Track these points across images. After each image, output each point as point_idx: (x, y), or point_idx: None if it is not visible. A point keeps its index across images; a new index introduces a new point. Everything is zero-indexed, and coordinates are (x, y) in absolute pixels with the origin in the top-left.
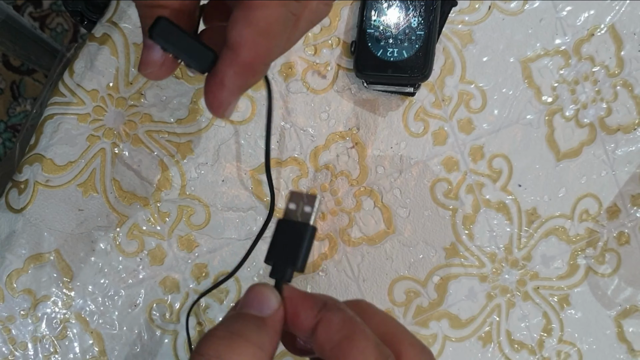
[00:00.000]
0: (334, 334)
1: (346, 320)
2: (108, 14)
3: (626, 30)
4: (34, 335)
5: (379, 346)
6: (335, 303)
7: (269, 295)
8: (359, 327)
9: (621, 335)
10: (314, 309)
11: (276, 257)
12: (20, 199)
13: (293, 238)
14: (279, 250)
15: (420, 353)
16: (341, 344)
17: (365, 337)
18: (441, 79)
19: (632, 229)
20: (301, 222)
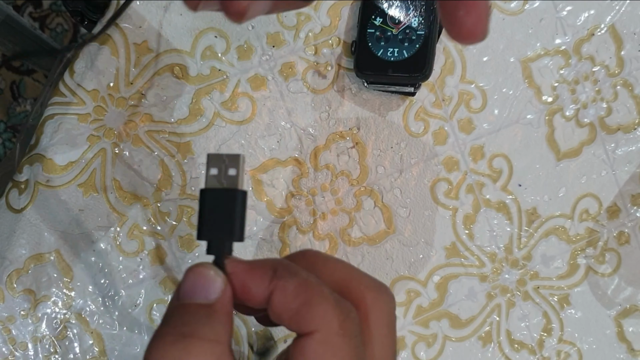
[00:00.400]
0: (291, 302)
1: (301, 284)
2: (108, 14)
3: (626, 30)
4: (34, 336)
5: (339, 304)
6: (287, 267)
7: (212, 277)
8: (316, 289)
9: (621, 334)
10: (264, 279)
11: (209, 232)
12: (20, 199)
13: (223, 207)
14: (211, 223)
15: (380, 295)
16: (300, 311)
17: (323, 299)
18: (441, 79)
19: (632, 229)
20: (228, 189)
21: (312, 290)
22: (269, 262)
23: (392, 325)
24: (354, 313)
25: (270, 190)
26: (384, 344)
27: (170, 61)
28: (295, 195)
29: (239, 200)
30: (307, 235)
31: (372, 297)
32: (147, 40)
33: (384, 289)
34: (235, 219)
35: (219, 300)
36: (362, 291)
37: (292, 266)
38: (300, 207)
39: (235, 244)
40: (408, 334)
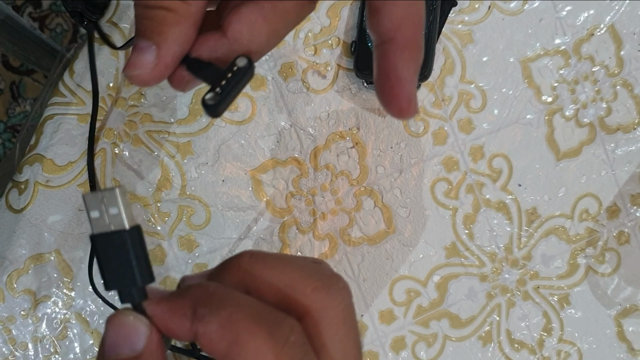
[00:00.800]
0: (217, 345)
1: (224, 324)
2: (108, 14)
3: (626, 30)
4: (34, 336)
5: (272, 334)
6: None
7: (133, 325)
8: (242, 325)
9: (621, 334)
10: (185, 322)
11: (114, 281)
12: (20, 199)
13: (117, 252)
14: (112, 271)
15: (330, 294)
16: (229, 352)
17: (252, 335)
18: (441, 79)
19: (632, 229)
20: (114, 231)
21: (237, 327)
22: (188, 297)
23: (350, 321)
24: (295, 334)
25: (270, 190)
26: (343, 346)
27: None
28: (295, 195)
29: (130, 242)
30: (307, 235)
31: (321, 300)
32: None
33: (333, 284)
34: (133, 264)
35: (146, 348)
36: (309, 296)
37: (214, 298)
38: (300, 207)
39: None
40: (408, 333)
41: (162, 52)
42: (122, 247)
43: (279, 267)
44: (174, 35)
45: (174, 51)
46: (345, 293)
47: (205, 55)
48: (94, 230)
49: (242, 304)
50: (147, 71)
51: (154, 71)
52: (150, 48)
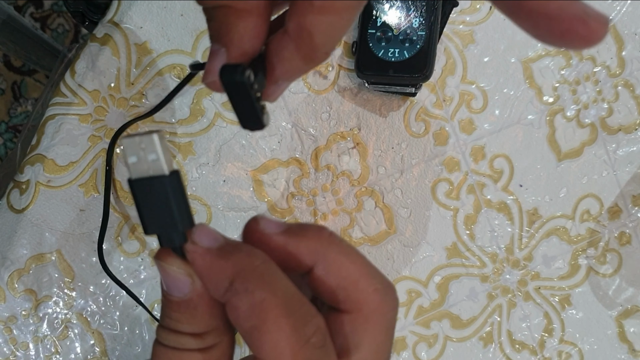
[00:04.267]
0: (243, 323)
1: (254, 307)
2: (109, 15)
3: (627, 31)
4: (35, 336)
5: (296, 331)
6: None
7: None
8: (270, 315)
9: (622, 335)
10: (220, 287)
11: (154, 225)
12: (21, 200)
13: (157, 196)
14: (152, 215)
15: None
16: (251, 334)
17: (276, 327)
18: (442, 79)
19: (633, 229)
20: (154, 176)
21: (265, 314)
22: (232, 263)
23: (391, 331)
24: (319, 335)
25: (271, 191)
26: (379, 350)
27: (171, 61)
28: (296, 196)
29: (170, 187)
30: None
31: (377, 301)
32: (148, 41)
33: (391, 291)
34: (173, 208)
35: (192, 294)
36: (369, 294)
37: (254, 275)
38: (301, 207)
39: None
40: (409, 334)
41: (231, 53)
42: (161, 192)
43: (352, 256)
44: (239, 33)
45: (243, 50)
46: (396, 304)
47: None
48: (132, 175)
49: (278, 291)
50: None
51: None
52: (220, 51)
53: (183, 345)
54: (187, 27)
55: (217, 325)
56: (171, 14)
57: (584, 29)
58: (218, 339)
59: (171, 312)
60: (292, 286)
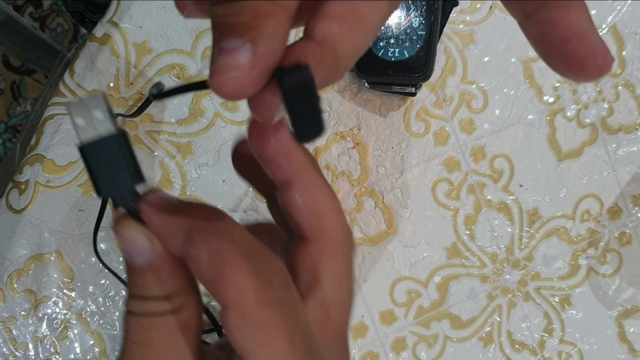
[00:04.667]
0: (204, 272)
1: (213, 255)
2: (108, 14)
3: (627, 30)
4: (34, 336)
5: (257, 272)
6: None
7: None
8: (228, 260)
9: (622, 335)
10: (177, 242)
11: (107, 186)
12: (20, 200)
13: (107, 156)
14: (103, 177)
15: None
16: (213, 283)
17: (236, 271)
18: (442, 79)
19: (633, 229)
20: (102, 137)
21: (224, 260)
22: (186, 216)
23: (351, 271)
24: (280, 276)
25: None
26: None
27: (170, 61)
28: None
29: (119, 144)
30: None
31: (342, 235)
32: (147, 41)
33: (351, 234)
34: (125, 166)
35: (154, 256)
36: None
37: (210, 225)
38: None
39: None
40: (409, 334)
41: (259, 49)
42: (111, 151)
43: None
44: (272, 28)
45: (274, 48)
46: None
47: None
48: (82, 138)
49: (235, 238)
50: (244, 73)
51: (253, 73)
52: (244, 46)
53: (152, 309)
54: (186, 27)
55: (182, 286)
56: (170, 13)
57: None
58: (185, 300)
59: (137, 280)
60: (249, 234)
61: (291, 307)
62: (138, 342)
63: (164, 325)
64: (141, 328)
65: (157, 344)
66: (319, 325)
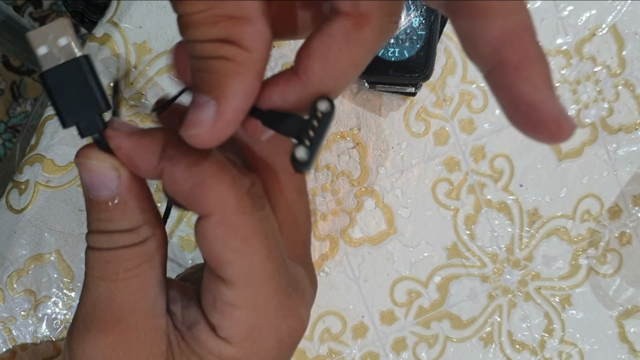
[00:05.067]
0: (181, 185)
1: (191, 165)
2: (108, 14)
3: (628, 30)
4: (34, 336)
5: (236, 181)
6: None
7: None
8: (208, 170)
9: (623, 335)
10: (152, 158)
11: (72, 114)
12: (20, 200)
13: (72, 82)
14: (68, 104)
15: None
16: (192, 193)
17: (216, 179)
18: (442, 79)
19: (633, 229)
20: (67, 61)
21: (204, 170)
22: (159, 136)
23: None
24: (255, 186)
25: None
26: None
27: (170, 61)
28: None
29: (85, 67)
30: None
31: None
32: (147, 41)
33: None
34: (92, 88)
35: (121, 188)
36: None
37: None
38: None
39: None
40: (409, 334)
41: (222, 107)
42: (76, 77)
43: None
44: (234, 87)
45: (235, 105)
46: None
47: (277, 103)
48: (44, 67)
49: (210, 152)
50: (206, 130)
51: (214, 129)
52: (209, 104)
53: (117, 243)
54: None
55: (148, 218)
56: (170, 13)
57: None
58: (151, 232)
59: (100, 214)
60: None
61: (267, 217)
62: (102, 277)
63: (129, 258)
64: (105, 263)
65: (122, 277)
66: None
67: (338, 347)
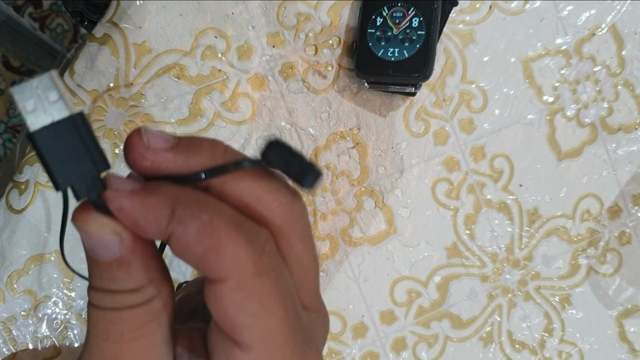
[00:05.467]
0: (194, 249)
1: (204, 228)
2: (108, 14)
3: (627, 30)
4: (34, 336)
5: (251, 242)
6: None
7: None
8: (223, 231)
9: (622, 335)
10: (160, 220)
11: (66, 177)
12: (20, 200)
13: (63, 144)
14: (63, 164)
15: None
16: (206, 257)
17: (232, 242)
18: (442, 79)
19: (633, 229)
20: (59, 120)
21: (218, 232)
22: (165, 195)
23: (307, 238)
24: (270, 243)
25: None
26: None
27: (170, 61)
28: None
29: (79, 125)
30: None
31: (284, 215)
32: (147, 41)
33: (297, 201)
34: (88, 147)
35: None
36: (274, 209)
37: (194, 201)
38: None
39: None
40: (409, 334)
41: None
42: (68, 135)
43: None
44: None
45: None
46: (305, 212)
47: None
48: (32, 126)
49: (222, 211)
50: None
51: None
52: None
53: (121, 304)
54: (186, 27)
55: (154, 276)
56: (170, 13)
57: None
58: (157, 290)
59: (102, 272)
60: (228, 206)
61: (282, 273)
62: (106, 337)
63: (134, 318)
64: (109, 323)
65: (128, 338)
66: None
67: (338, 346)
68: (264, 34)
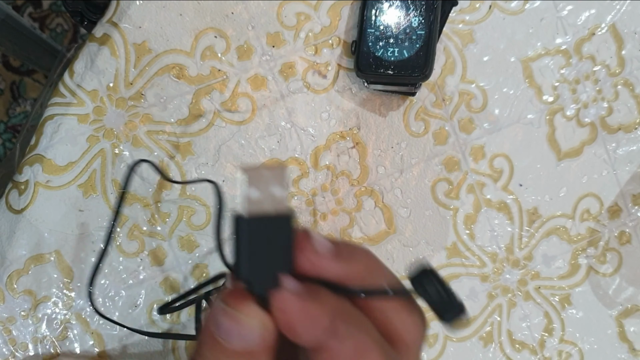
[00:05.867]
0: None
1: (358, 348)
2: (108, 14)
3: (627, 30)
4: (34, 336)
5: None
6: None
7: (247, 324)
8: (373, 354)
9: (622, 334)
10: (317, 330)
11: (253, 270)
12: (20, 200)
13: (270, 237)
14: (255, 258)
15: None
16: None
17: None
18: (442, 79)
19: (633, 229)
20: (276, 216)
21: (368, 355)
22: (327, 305)
23: (422, 348)
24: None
25: None
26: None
27: (170, 61)
28: (295, 196)
29: (287, 226)
30: None
31: (415, 334)
32: (146, 41)
33: (425, 323)
34: (289, 248)
35: (259, 347)
36: (409, 326)
37: (352, 318)
38: (301, 207)
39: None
40: None
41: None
42: (277, 233)
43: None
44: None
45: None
46: (425, 326)
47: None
48: (248, 212)
49: (371, 331)
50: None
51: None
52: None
53: None
54: (186, 27)
55: None
56: (170, 13)
57: None
58: None
59: (219, 355)
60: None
61: None
62: None
63: None
64: None
65: None
66: None
67: None
68: (264, 33)
